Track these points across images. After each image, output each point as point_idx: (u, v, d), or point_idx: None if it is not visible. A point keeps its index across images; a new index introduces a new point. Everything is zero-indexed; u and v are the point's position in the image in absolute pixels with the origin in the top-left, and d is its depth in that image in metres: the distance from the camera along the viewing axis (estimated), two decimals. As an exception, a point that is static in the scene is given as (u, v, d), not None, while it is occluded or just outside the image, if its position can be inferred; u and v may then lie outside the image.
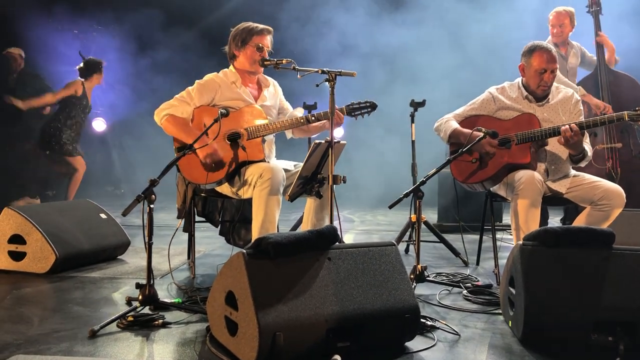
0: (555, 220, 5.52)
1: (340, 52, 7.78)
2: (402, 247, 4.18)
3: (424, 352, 2.14)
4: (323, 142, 2.73)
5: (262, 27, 3.26)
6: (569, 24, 4.73)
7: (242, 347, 1.93)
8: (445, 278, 3.31)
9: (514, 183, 3.10)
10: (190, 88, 3.22)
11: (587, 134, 3.28)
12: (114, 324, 2.35)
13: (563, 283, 2.16)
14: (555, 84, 3.41)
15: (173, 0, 7.88)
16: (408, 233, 4.21)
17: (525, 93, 3.34)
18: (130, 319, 2.37)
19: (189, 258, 3.50)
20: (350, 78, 2.81)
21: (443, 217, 5.57)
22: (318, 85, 2.81)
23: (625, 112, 3.02)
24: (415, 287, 2.83)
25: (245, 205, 3.53)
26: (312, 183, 2.93)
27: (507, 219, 5.11)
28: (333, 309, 1.98)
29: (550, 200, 3.31)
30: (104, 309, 2.68)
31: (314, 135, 3.49)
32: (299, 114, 3.34)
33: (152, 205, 2.48)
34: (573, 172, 3.32)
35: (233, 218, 3.63)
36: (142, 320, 2.39)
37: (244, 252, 1.98)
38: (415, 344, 2.19)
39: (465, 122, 3.42)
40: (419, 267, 2.87)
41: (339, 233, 2.28)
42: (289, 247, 2.02)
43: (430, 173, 2.90)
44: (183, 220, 3.40)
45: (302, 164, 2.86)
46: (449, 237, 4.28)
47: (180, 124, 3.12)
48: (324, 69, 2.76)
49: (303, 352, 1.94)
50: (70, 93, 6.13)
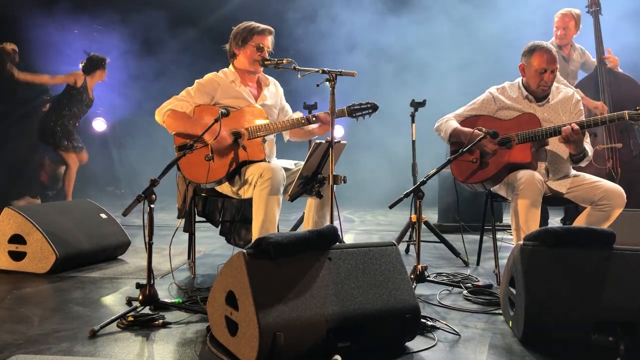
0: (556, 221, 5.52)
1: (346, 50, 7.77)
2: (402, 247, 4.17)
3: (425, 352, 2.14)
4: (323, 142, 2.72)
5: (263, 27, 3.25)
6: (574, 27, 4.71)
7: (242, 347, 1.93)
8: (446, 278, 3.31)
9: (515, 183, 3.10)
10: (190, 88, 3.21)
11: (587, 134, 3.28)
12: (114, 324, 2.35)
13: (563, 283, 2.16)
14: (556, 84, 3.41)
15: (174, 0, 7.88)
16: (408, 233, 4.21)
17: (526, 93, 3.34)
18: (131, 319, 2.37)
19: (189, 258, 3.50)
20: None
21: (443, 217, 5.57)
22: (318, 85, 2.81)
23: (626, 111, 3.02)
24: (416, 287, 2.83)
25: (246, 205, 3.53)
26: (312, 183, 2.92)
27: (507, 219, 5.10)
28: (333, 309, 1.98)
29: (551, 200, 3.31)
30: (104, 309, 2.68)
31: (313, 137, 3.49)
32: (298, 117, 3.34)
33: (152, 205, 2.47)
34: (573, 172, 3.32)
35: (233, 218, 3.63)
36: (142, 320, 2.38)
37: (245, 252, 1.98)
38: (416, 344, 2.19)
39: (466, 122, 3.41)
40: (420, 267, 2.87)
41: (339, 233, 2.28)
42: (290, 247, 2.02)
43: (431, 173, 2.90)
44: (183, 220, 3.40)
45: (302, 164, 2.86)
46: (449, 237, 4.28)
47: (184, 118, 3.11)
48: (325, 69, 2.75)
49: (303, 352, 1.94)
50: (69, 81, 6.14)
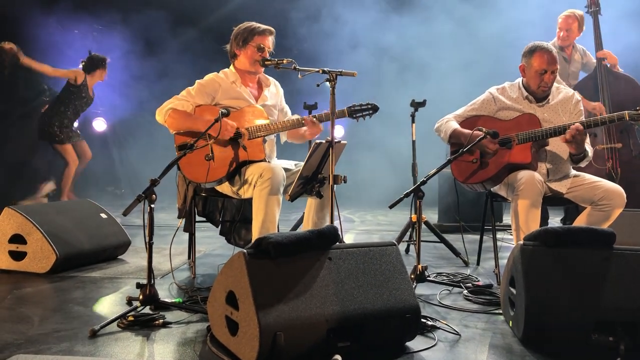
0: (556, 221, 5.52)
1: (348, 50, 7.76)
2: (402, 247, 4.17)
3: (425, 352, 2.14)
4: (323, 142, 2.72)
5: (264, 27, 3.25)
6: (577, 29, 4.70)
7: (242, 346, 1.93)
8: (446, 278, 3.31)
9: (515, 183, 3.10)
10: (191, 88, 3.22)
11: (587, 134, 3.28)
12: (115, 324, 2.35)
13: (564, 283, 2.16)
14: (556, 84, 3.41)
15: (174, 0, 7.88)
16: (408, 233, 4.21)
17: (526, 93, 3.34)
18: (131, 319, 2.37)
19: (190, 258, 3.50)
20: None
21: (443, 217, 5.57)
22: (319, 85, 2.81)
23: (626, 111, 3.02)
24: (416, 287, 2.83)
25: (246, 205, 3.53)
26: (312, 183, 2.92)
27: (507, 219, 5.10)
28: (334, 309, 1.98)
29: (551, 201, 3.31)
30: (105, 309, 2.68)
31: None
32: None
33: (152, 205, 2.48)
34: (573, 172, 3.32)
35: (233, 218, 3.64)
36: (142, 320, 2.38)
37: (245, 251, 1.98)
38: (416, 344, 2.19)
39: (466, 122, 3.41)
40: (420, 267, 2.87)
41: (340, 233, 2.28)
42: (290, 247, 2.02)
43: (431, 173, 2.89)
44: (183, 220, 3.39)
45: (302, 164, 2.86)
46: (450, 237, 4.28)
47: (185, 116, 3.11)
48: (325, 69, 2.75)
49: (304, 352, 1.94)
50: (69, 77, 6.18)
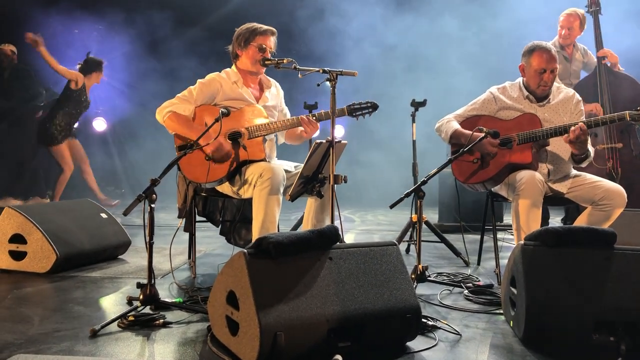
0: (556, 220, 5.52)
1: (351, 49, 7.76)
2: (403, 247, 4.17)
3: (425, 352, 2.13)
4: (324, 141, 2.72)
5: (265, 27, 3.25)
6: (578, 27, 4.69)
7: (243, 346, 1.93)
8: (446, 278, 3.31)
9: (515, 183, 3.09)
10: (192, 87, 3.21)
11: (589, 134, 3.27)
12: (115, 324, 2.35)
13: (564, 283, 2.16)
14: (556, 84, 3.41)
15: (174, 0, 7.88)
16: (409, 233, 4.21)
17: (526, 93, 3.33)
18: (131, 319, 2.37)
19: (190, 258, 3.50)
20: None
21: (444, 217, 5.56)
22: (319, 85, 2.81)
23: (627, 111, 3.02)
24: (417, 287, 2.83)
25: (246, 205, 3.53)
26: (313, 183, 2.92)
27: (508, 219, 5.10)
28: (334, 309, 1.98)
29: (552, 200, 3.30)
30: (105, 309, 2.68)
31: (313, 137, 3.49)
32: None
33: (153, 205, 2.47)
34: (574, 172, 3.32)
35: (234, 218, 3.63)
36: (143, 320, 2.38)
37: (245, 251, 1.98)
38: (417, 344, 2.19)
39: (467, 122, 3.41)
40: (420, 267, 2.87)
41: (340, 233, 2.28)
42: (290, 246, 2.01)
43: (431, 173, 2.89)
44: (184, 220, 3.40)
45: (302, 165, 2.86)
46: (450, 237, 4.28)
47: (183, 121, 3.12)
48: (325, 69, 2.75)
49: (304, 352, 1.93)
50: (70, 77, 6.20)
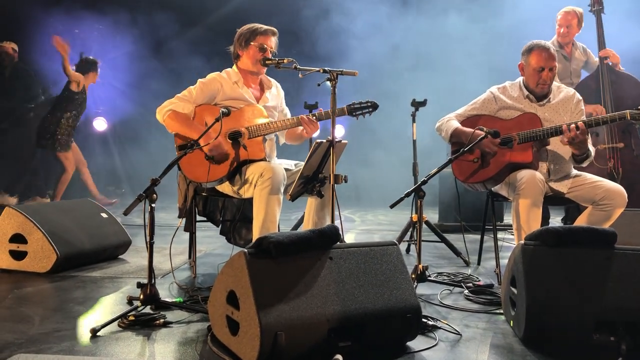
0: (557, 220, 5.52)
1: (352, 49, 7.76)
2: (403, 246, 4.17)
3: (426, 351, 2.13)
4: (324, 141, 2.72)
5: (266, 27, 3.25)
6: (577, 25, 4.69)
7: (243, 346, 1.93)
8: (447, 278, 3.31)
9: (516, 183, 3.09)
10: (192, 87, 3.21)
11: (589, 134, 3.27)
12: (115, 324, 2.35)
13: (565, 283, 2.16)
14: (557, 84, 3.41)
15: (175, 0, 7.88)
16: (409, 233, 4.21)
17: (527, 92, 3.33)
18: (132, 319, 2.37)
19: (190, 257, 3.50)
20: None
21: (444, 216, 5.56)
22: (319, 85, 2.81)
23: (627, 111, 3.01)
24: (417, 286, 2.83)
25: (246, 205, 3.53)
26: (313, 182, 2.92)
27: (508, 219, 5.10)
28: (335, 309, 1.98)
29: (552, 200, 3.30)
30: (105, 309, 2.68)
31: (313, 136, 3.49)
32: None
33: (153, 205, 2.47)
34: (574, 171, 3.32)
35: (234, 217, 3.63)
36: (143, 320, 2.38)
37: (246, 251, 1.98)
38: (417, 344, 2.19)
39: (467, 121, 3.41)
40: (420, 266, 2.86)
41: (340, 232, 2.28)
42: (291, 246, 2.01)
43: (432, 172, 2.89)
44: (184, 220, 3.40)
45: (303, 164, 2.85)
46: (450, 236, 4.28)
47: (183, 120, 3.11)
48: (325, 69, 2.75)
49: (304, 351, 1.93)
50: (74, 79, 6.21)
